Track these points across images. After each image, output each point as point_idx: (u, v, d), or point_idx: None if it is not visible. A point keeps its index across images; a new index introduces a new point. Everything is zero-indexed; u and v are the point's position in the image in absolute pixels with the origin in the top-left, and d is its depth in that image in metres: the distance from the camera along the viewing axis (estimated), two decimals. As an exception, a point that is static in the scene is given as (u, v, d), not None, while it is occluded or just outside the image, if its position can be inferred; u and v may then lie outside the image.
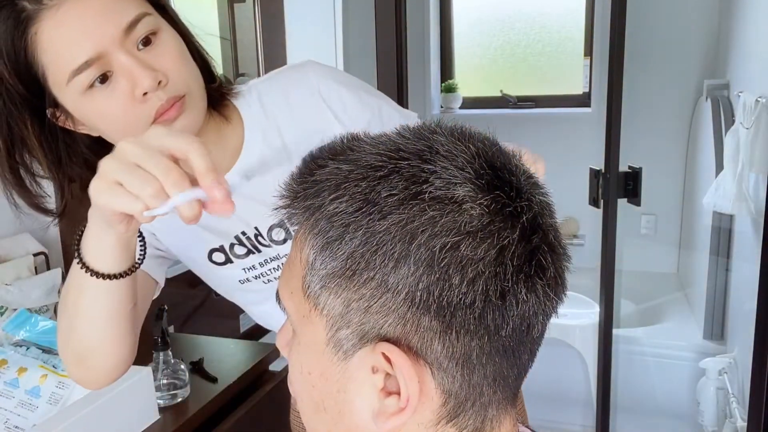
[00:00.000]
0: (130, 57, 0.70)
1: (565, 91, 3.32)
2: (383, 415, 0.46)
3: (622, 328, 2.57)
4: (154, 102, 0.72)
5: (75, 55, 0.69)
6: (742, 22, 2.44)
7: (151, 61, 0.72)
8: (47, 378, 1.12)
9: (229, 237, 0.92)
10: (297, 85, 0.88)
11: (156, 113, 0.73)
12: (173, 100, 0.74)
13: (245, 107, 0.88)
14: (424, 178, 0.43)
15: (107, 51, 0.70)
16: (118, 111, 0.72)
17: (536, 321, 0.46)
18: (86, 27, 0.69)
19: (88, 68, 0.69)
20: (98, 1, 0.69)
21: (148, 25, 0.72)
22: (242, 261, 0.94)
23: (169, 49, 0.74)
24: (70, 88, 0.71)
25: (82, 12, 0.69)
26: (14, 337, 1.22)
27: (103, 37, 0.69)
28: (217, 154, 0.86)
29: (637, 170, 1.95)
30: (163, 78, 0.72)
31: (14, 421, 1.08)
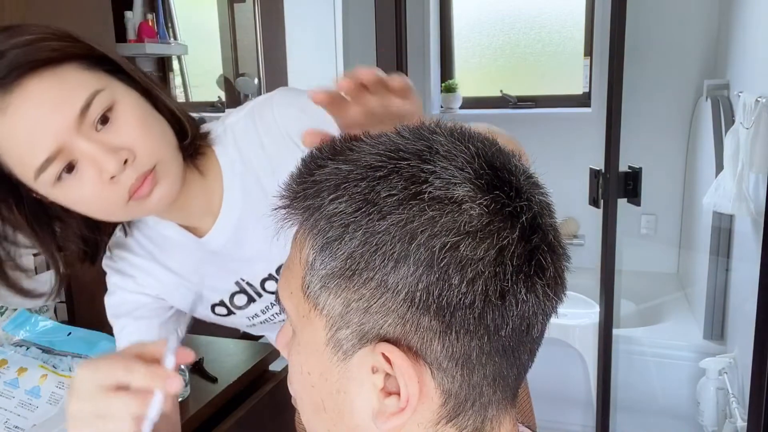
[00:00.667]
0: (89, 143, 0.68)
1: (565, 91, 3.32)
2: (383, 415, 0.46)
3: (622, 328, 2.57)
4: (125, 182, 0.70)
5: (35, 154, 0.67)
6: (742, 22, 2.44)
7: (112, 139, 0.69)
8: (47, 378, 1.12)
9: (227, 291, 0.92)
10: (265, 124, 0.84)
11: (129, 192, 0.71)
12: (143, 176, 0.71)
13: (222, 155, 0.85)
14: (423, 178, 0.43)
15: (66, 142, 0.67)
16: (91, 196, 0.71)
17: (536, 321, 0.46)
18: (39, 124, 0.66)
19: (50, 164, 0.68)
20: (46, 94, 0.67)
21: (102, 102, 0.69)
22: (244, 311, 0.94)
23: (129, 122, 0.71)
24: (39, 183, 0.69)
25: (32, 110, 0.66)
26: (14, 337, 1.22)
27: (59, 130, 0.67)
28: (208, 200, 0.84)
29: (637, 170, 1.95)
30: (128, 156, 0.69)
31: (14, 421, 1.09)
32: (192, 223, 0.86)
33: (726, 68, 2.68)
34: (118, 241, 0.90)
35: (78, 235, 0.81)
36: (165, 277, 0.90)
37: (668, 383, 2.49)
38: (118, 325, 0.92)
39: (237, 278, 0.91)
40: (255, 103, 0.87)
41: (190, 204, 0.83)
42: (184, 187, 0.79)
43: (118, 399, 0.60)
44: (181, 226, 0.87)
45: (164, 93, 0.79)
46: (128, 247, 0.90)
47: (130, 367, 0.60)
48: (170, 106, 0.79)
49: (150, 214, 0.80)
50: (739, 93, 2.22)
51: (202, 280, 0.90)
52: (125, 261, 0.90)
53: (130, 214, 0.76)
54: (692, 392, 2.39)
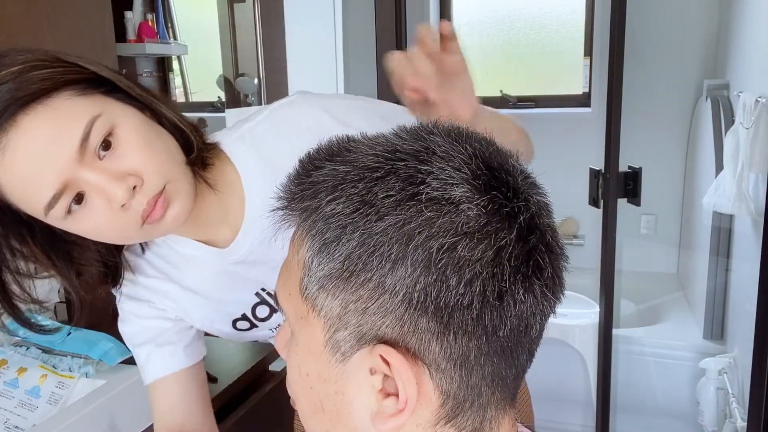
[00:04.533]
0: (94, 173, 0.66)
1: (565, 91, 3.31)
2: (381, 417, 0.46)
3: (622, 328, 2.57)
4: (136, 208, 0.68)
5: (40, 193, 0.65)
6: (742, 22, 2.44)
7: (117, 165, 0.67)
8: (47, 378, 1.12)
9: (248, 303, 0.90)
10: (293, 126, 0.82)
11: (142, 217, 0.69)
12: (154, 198, 0.69)
13: (240, 161, 0.82)
14: (420, 179, 0.43)
15: (70, 176, 0.65)
16: (104, 224, 0.69)
17: (534, 321, 0.46)
18: (40, 162, 0.64)
19: (59, 200, 0.65)
20: (41, 130, 0.64)
21: (101, 129, 0.66)
22: (267, 323, 0.92)
23: (132, 144, 0.68)
24: (50, 218, 0.68)
25: (30, 148, 0.63)
26: (14, 337, 1.22)
27: (61, 165, 0.64)
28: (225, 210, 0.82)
29: (637, 170, 1.95)
30: (136, 181, 0.67)
31: (14, 421, 1.09)
32: (208, 237, 0.83)
33: (726, 68, 2.68)
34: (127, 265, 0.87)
35: (97, 258, 0.80)
36: (182, 297, 0.87)
37: (668, 383, 2.49)
38: (142, 354, 0.89)
39: (257, 289, 0.88)
40: (274, 106, 0.85)
41: (206, 217, 0.80)
42: (197, 200, 0.76)
43: None
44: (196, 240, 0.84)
45: (165, 105, 0.76)
46: (140, 269, 0.87)
47: None
48: (172, 119, 0.76)
49: (167, 234, 0.78)
50: (739, 93, 2.22)
51: (221, 295, 0.88)
52: (138, 284, 0.87)
53: (146, 236, 0.74)
54: (692, 392, 2.39)
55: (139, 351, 0.90)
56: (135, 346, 0.90)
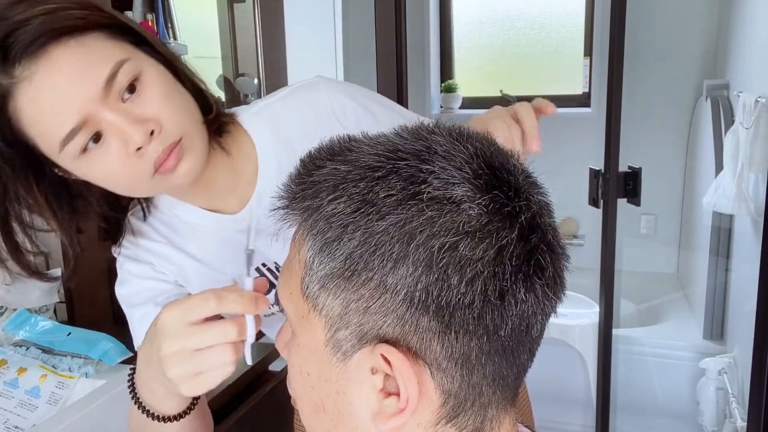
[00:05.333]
0: (116, 114, 0.67)
1: (565, 91, 3.31)
2: (382, 416, 0.46)
3: (622, 328, 2.58)
4: (151, 154, 0.69)
5: (60, 125, 0.66)
6: (742, 22, 2.44)
7: (138, 110, 0.68)
8: (47, 378, 1.12)
9: None
10: (312, 106, 0.84)
11: (155, 165, 0.70)
12: (170, 148, 0.70)
13: (256, 133, 0.84)
14: (422, 178, 0.43)
15: (92, 112, 0.66)
16: (116, 168, 0.69)
17: (535, 321, 0.46)
18: (64, 94, 0.65)
19: (76, 135, 0.66)
20: (71, 62, 0.65)
21: (128, 72, 0.68)
22: None
23: (156, 93, 0.70)
24: (63, 155, 0.68)
25: (57, 78, 0.65)
26: (14, 337, 1.22)
27: (84, 100, 0.66)
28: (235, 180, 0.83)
29: (637, 170, 1.95)
30: (155, 127, 0.68)
31: (14, 421, 1.08)
32: (214, 204, 0.85)
33: (726, 68, 2.68)
34: (130, 228, 0.88)
35: (99, 213, 0.80)
36: (183, 263, 0.88)
37: (668, 383, 2.49)
38: (137, 314, 0.89)
39: (258, 263, 0.90)
40: (294, 86, 0.87)
41: (215, 182, 0.82)
42: (209, 164, 0.78)
43: (215, 328, 0.61)
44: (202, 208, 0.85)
45: (187, 67, 0.78)
46: (143, 233, 0.88)
47: (221, 296, 0.61)
48: (194, 80, 0.78)
49: (175, 189, 0.78)
50: (738, 93, 2.22)
51: (222, 266, 0.88)
52: (140, 247, 0.88)
53: (155, 188, 0.75)
54: (692, 392, 2.39)
55: (133, 312, 0.89)
56: (131, 307, 0.89)
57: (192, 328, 0.61)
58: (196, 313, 0.61)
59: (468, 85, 3.46)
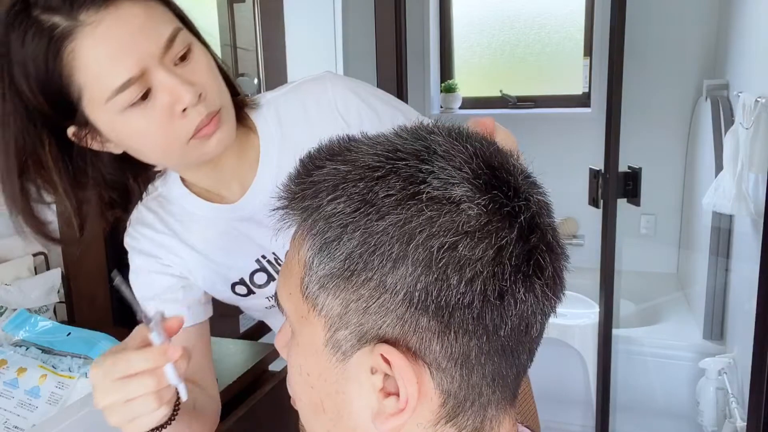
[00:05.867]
0: (171, 74, 0.70)
1: (564, 91, 3.31)
2: (382, 416, 0.46)
3: (622, 328, 2.57)
4: (194, 117, 0.73)
5: (118, 73, 0.68)
6: (742, 22, 2.44)
7: (188, 76, 0.72)
8: (47, 378, 1.12)
9: (247, 269, 0.93)
10: (316, 100, 0.87)
11: (195, 129, 0.74)
12: (211, 115, 0.74)
13: (262, 122, 0.87)
14: (421, 178, 0.43)
15: (149, 67, 0.70)
16: (156, 128, 0.72)
17: (535, 321, 0.46)
18: (127, 44, 0.68)
19: (130, 86, 0.69)
20: (137, 18, 0.69)
21: (183, 41, 0.72)
22: (264, 290, 0.94)
23: (202, 65, 0.75)
24: (109, 106, 0.70)
25: (122, 29, 0.68)
26: (14, 337, 1.22)
27: (145, 54, 0.69)
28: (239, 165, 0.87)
29: (637, 170, 1.95)
30: (203, 91, 0.73)
31: (14, 421, 1.08)
32: (219, 188, 0.88)
33: (725, 68, 2.68)
34: (139, 217, 0.90)
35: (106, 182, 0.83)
36: (187, 254, 0.90)
37: (668, 383, 2.49)
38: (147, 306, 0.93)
39: (258, 255, 0.91)
40: (302, 80, 0.90)
41: (226, 162, 0.85)
42: None
43: (134, 383, 0.65)
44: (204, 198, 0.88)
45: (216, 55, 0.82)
46: (150, 224, 0.90)
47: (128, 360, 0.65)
48: (223, 67, 0.82)
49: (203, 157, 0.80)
50: (738, 93, 2.22)
51: (223, 257, 0.91)
52: (147, 239, 0.90)
53: (186, 154, 0.77)
54: (692, 392, 2.39)
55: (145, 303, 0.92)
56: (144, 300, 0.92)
57: (116, 384, 0.65)
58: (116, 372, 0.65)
59: (468, 85, 3.46)
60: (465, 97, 3.43)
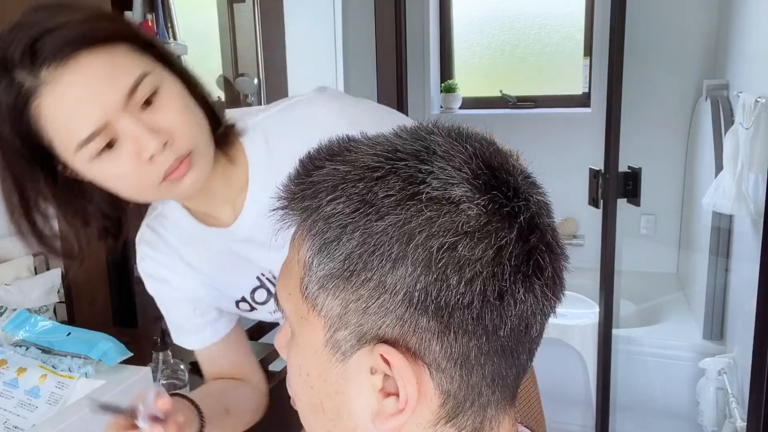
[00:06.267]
0: (134, 122, 0.70)
1: (564, 91, 3.31)
2: (382, 416, 0.46)
3: (622, 328, 2.57)
4: (162, 163, 0.73)
5: (81, 127, 0.69)
6: (742, 22, 2.44)
7: (154, 121, 0.72)
8: (47, 378, 1.12)
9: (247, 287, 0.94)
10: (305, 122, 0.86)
11: (164, 173, 0.73)
12: (180, 159, 0.74)
13: (250, 146, 0.86)
14: (421, 178, 0.43)
15: (112, 118, 0.70)
16: (126, 174, 0.73)
17: (534, 321, 0.46)
18: (88, 98, 0.69)
19: (94, 139, 0.70)
20: (97, 69, 0.69)
21: (148, 85, 0.71)
22: (265, 306, 0.96)
23: (172, 107, 0.73)
24: (78, 157, 0.71)
25: (83, 83, 0.68)
26: (14, 337, 1.22)
27: (107, 106, 0.69)
28: (229, 190, 0.86)
29: (637, 170, 1.95)
30: (168, 138, 0.72)
31: (14, 421, 1.08)
32: (212, 212, 0.88)
33: (725, 68, 2.68)
34: (142, 237, 0.92)
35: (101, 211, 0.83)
36: (189, 275, 0.92)
37: (668, 383, 2.49)
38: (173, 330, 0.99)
39: (258, 273, 0.92)
40: (292, 101, 0.89)
41: (214, 190, 0.85)
42: (212, 173, 0.81)
43: None
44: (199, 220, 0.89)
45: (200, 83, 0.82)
46: (152, 244, 0.92)
47: None
48: (205, 96, 0.81)
49: (179, 196, 0.82)
50: (738, 93, 2.22)
51: (223, 275, 0.92)
52: (151, 259, 0.92)
53: (160, 195, 0.78)
54: (692, 392, 2.39)
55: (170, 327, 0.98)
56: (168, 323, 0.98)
57: None
58: None
59: (468, 85, 3.47)
60: (465, 97, 3.43)
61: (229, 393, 0.98)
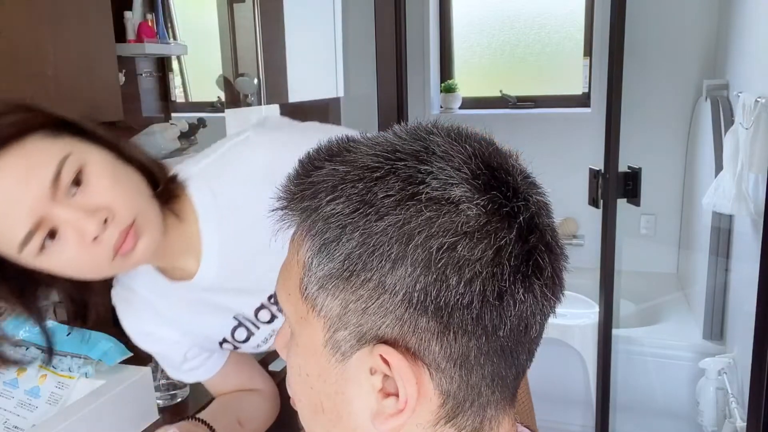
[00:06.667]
0: (67, 209, 0.68)
1: (564, 91, 3.32)
2: (381, 416, 0.46)
3: (622, 328, 2.57)
4: (108, 240, 0.71)
5: (15, 230, 0.67)
6: (741, 22, 2.44)
7: (88, 201, 0.70)
8: (46, 378, 1.12)
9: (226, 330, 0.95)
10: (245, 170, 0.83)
11: (113, 250, 0.71)
12: (125, 231, 0.72)
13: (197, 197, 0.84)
14: (420, 178, 0.43)
15: (44, 213, 0.68)
16: (76, 259, 0.71)
17: (534, 321, 0.46)
18: (14, 201, 0.67)
19: (33, 236, 0.68)
20: (13, 171, 0.67)
21: (71, 167, 0.69)
22: (247, 344, 0.97)
23: (102, 181, 0.71)
24: (23, 256, 0.70)
25: (4, 187, 0.66)
26: (14, 337, 1.22)
27: (34, 204, 0.67)
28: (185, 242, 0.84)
29: (637, 170, 1.95)
30: (107, 215, 0.70)
31: (13, 421, 1.09)
32: (176, 265, 0.87)
33: (725, 68, 2.68)
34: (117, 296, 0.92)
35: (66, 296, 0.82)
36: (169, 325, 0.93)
37: (668, 383, 2.49)
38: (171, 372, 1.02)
39: (232, 315, 0.93)
40: (229, 145, 0.86)
41: (171, 246, 0.83)
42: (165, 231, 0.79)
43: None
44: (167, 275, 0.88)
45: (130, 144, 0.78)
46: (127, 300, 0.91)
47: None
48: (138, 156, 0.78)
49: (137, 265, 0.80)
50: (738, 93, 2.22)
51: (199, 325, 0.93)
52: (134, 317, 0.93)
53: (117, 269, 0.76)
54: (692, 392, 2.39)
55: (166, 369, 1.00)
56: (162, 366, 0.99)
57: None
58: None
59: (468, 85, 3.47)
60: (465, 98, 3.43)
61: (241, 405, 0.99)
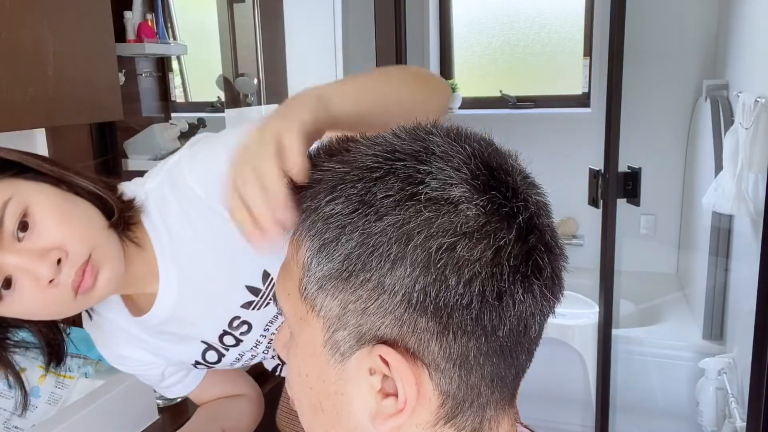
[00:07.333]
0: (16, 256, 0.65)
1: (564, 91, 3.32)
2: (381, 417, 0.46)
3: (622, 328, 2.58)
4: (65, 281, 0.68)
5: None
6: (741, 22, 2.44)
7: (37, 244, 0.67)
8: (46, 378, 1.12)
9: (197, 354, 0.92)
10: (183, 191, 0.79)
11: (73, 289, 0.69)
12: (82, 269, 0.68)
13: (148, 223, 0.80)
14: (419, 179, 0.43)
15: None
16: (35, 304, 0.68)
17: (533, 321, 0.46)
18: None
19: None
20: None
21: (14, 211, 0.66)
22: (220, 365, 0.94)
23: (50, 220, 0.68)
24: None
25: None
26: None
27: None
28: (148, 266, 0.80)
29: (637, 170, 1.95)
30: (60, 255, 0.67)
31: (14, 421, 1.08)
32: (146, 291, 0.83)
33: (725, 68, 2.68)
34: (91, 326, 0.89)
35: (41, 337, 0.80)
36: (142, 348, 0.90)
37: (667, 383, 2.49)
38: None
39: (200, 339, 0.90)
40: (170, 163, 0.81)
41: (136, 275, 0.79)
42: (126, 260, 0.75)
43: None
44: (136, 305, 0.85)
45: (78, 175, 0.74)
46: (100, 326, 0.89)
47: None
48: (88, 187, 0.74)
49: (104, 299, 0.76)
50: (738, 93, 2.22)
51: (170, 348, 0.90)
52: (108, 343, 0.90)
53: (83, 305, 0.73)
54: (691, 392, 2.39)
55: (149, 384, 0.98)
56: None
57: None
58: None
59: (468, 85, 3.47)
60: (465, 97, 3.43)
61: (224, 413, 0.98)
